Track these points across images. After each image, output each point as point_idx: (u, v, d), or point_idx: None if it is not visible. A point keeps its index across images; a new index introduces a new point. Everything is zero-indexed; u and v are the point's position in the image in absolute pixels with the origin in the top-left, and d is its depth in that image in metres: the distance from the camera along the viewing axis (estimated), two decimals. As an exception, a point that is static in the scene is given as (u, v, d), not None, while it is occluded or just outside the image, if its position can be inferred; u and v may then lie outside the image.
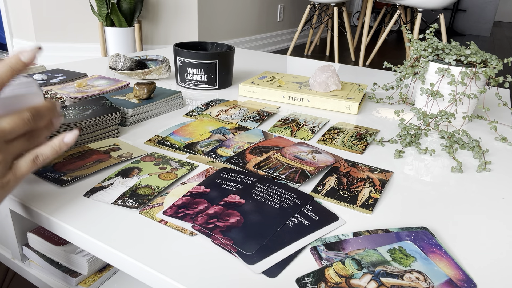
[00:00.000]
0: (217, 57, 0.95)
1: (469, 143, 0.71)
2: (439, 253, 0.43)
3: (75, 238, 0.45)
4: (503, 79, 0.82)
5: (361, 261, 0.41)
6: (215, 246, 0.42)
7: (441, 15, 2.84)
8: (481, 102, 0.98)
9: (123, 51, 2.41)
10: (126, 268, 0.41)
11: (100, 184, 0.53)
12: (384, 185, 0.57)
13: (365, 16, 3.17)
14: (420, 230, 0.47)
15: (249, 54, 1.47)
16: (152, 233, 0.44)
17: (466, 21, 5.69)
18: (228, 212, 0.47)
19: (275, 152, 0.64)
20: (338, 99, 0.87)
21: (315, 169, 0.59)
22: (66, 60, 2.55)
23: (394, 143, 0.73)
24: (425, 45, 0.84)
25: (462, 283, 0.39)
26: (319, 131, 0.76)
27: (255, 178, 0.55)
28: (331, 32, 3.50)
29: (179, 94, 0.84)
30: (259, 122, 0.78)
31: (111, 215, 0.47)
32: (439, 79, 0.81)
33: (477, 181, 0.61)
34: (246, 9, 3.17)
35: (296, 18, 3.96)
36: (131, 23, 2.42)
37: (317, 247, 0.43)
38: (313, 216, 0.48)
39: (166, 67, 1.02)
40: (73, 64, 1.13)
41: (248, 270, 0.39)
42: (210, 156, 0.62)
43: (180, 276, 0.38)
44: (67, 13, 2.50)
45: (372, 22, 5.13)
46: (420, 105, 0.87)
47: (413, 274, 0.39)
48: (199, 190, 0.52)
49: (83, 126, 0.63)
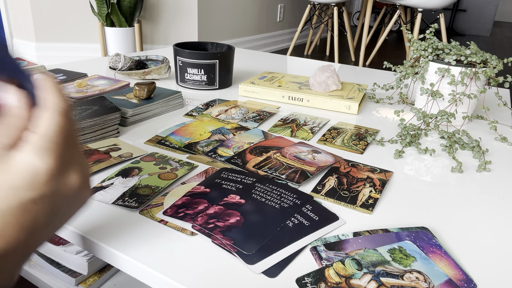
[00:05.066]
0: (217, 57, 0.95)
1: (469, 143, 0.71)
2: (439, 253, 0.43)
3: (75, 238, 0.45)
4: (503, 79, 0.82)
5: (361, 261, 0.41)
6: (215, 246, 0.42)
7: (441, 15, 2.84)
8: (481, 102, 0.98)
9: (123, 51, 2.41)
10: (126, 268, 0.41)
11: (100, 184, 0.53)
12: (384, 185, 0.57)
13: (365, 16, 3.17)
14: (420, 230, 0.47)
15: (249, 54, 1.47)
16: (152, 233, 0.44)
17: (466, 21, 5.69)
18: (228, 212, 0.47)
19: (275, 152, 0.64)
20: (338, 99, 0.87)
21: (315, 169, 0.59)
22: (66, 60, 2.55)
23: (394, 143, 0.73)
24: (425, 45, 0.84)
25: (462, 283, 0.39)
26: (319, 131, 0.76)
27: (255, 178, 0.55)
28: (331, 32, 3.50)
29: (179, 94, 0.84)
30: (259, 122, 0.78)
31: (111, 215, 0.47)
32: (439, 79, 0.81)
33: (477, 181, 0.61)
34: (246, 9, 3.17)
35: (296, 18, 3.96)
36: (131, 23, 2.42)
37: (317, 247, 0.43)
38: (313, 216, 0.48)
39: (166, 67, 1.02)
40: (73, 64, 1.13)
41: (248, 270, 0.39)
42: (210, 156, 0.62)
43: (180, 276, 0.38)
44: (67, 13, 2.50)
45: (372, 22, 5.13)
46: (420, 105, 0.87)
47: (413, 274, 0.39)
48: (199, 190, 0.52)
49: (83, 126, 0.63)
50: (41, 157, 0.31)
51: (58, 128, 0.32)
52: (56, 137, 0.32)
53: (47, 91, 0.34)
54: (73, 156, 0.34)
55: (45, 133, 0.32)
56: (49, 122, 0.32)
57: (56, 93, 0.34)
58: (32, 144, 0.31)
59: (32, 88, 0.35)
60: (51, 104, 0.33)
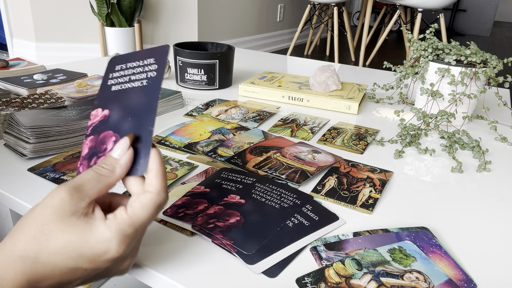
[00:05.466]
0: (217, 57, 0.95)
1: (469, 143, 0.71)
2: (439, 253, 0.43)
3: (75, 238, 0.45)
4: (503, 79, 0.82)
5: (361, 261, 0.41)
6: (215, 246, 0.42)
7: (441, 15, 2.84)
8: (481, 102, 0.98)
9: (123, 51, 2.41)
10: (126, 268, 0.41)
11: (100, 184, 0.53)
12: (384, 185, 0.57)
13: (365, 16, 3.17)
14: (420, 230, 0.47)
15: (249, 54, 1.47)
16: (152, 233, 0.44)
17: (466, 21, 5.69)
18: (228, 212, 0.47)
19: (275, 152, 0.64)
20: (338, 99, 0.87)
21: (315, 169, 0.59)
22: (66, 60, 2.55)
23: (394, 143, 0.73)
24: (425, 45, 0.84)
25: (462, 283, 0.39)
26: (319, 131, 0.76)
27: (255, 178, 0.55)
28: (331, 32, 3.50)
29: (179, 94, 0.84)
30: (259, 122, 0.78)
31: (111, 215, 0.47)
32: (439, 79, 0.81)
33: (477, 181, 0.61)
34: (246, 9, 3.17)
35: (296, 18, 3.96)
36: (131, 23, 2.42)
37: (317, 247, 0.43)
38: (313, 216, 0.48)
39: (166, 67, 1.02)
40: (73, 64, 1.13)
41: (248, 270, 0.39)
42: (210, 156, 0.62)
43: (180, 276, 0.38)
44: (67, 13, 2.50)
45: (372, 22, 5.13)
46: (420, 105, 0.87)
47: (413, 274, 0.39)
48: (199, 190, 0.52)
49: (83, 126, 0.63)
50: (119, 242, 0.31)
51: (146, 221, 0.32)
52: (140, 228, 0.32)
53: (157, 174, 0.33)
54: (136, 247, 0.34)
55: (133, 220, 0.31)
56: (143, 210, 0.32)
57: (163, 182, 0.33)
58: (117, 224, 0.31)
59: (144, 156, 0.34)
60: (154, 191, 0.32)
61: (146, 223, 0.32)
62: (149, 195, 0.32)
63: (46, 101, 0.72)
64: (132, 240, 0.32)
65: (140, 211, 0.32)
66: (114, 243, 0.30)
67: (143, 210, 0.32)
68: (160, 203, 0.33)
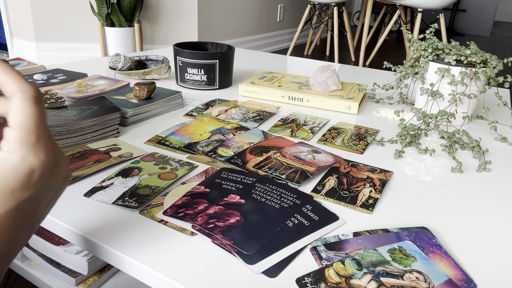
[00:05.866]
0: (217, 57, 0.95)
1: (469, 143, 0.71)
2: (439, 253, 0.43)
3: (75, 238, 0.45)
4: (503, 79, 0.82)
5: (361, 261, 0.41)
6: (215, 246, 0.42)
7: (441, 15, 2.84)
8: (481, 102, 0.98)
9: (123, 51, 2.41)
10: (126, 268, 0.41)
11: (100, 184, 0.53)
12: (384, 185, 0.57)
13: (365, 16, 3.17)
14: (420, 230, 0.47)
15: (249, 54, 1.47)
16: (152, 233, 0.44)
17: (466, 21, 5.69)
18: (228, 212, 0.47)
19: (275, 152, 0.64)
20: (338, 99, 0.87)
21: (315, 169, 0.59)
22: (66, 60, 2.55)
23: (394, 143, 0.73)
24: (425, 45, 0.84)
25: (462, 283, 0.39)
26: (319, 131, 0.76)
27: (255, 178, 0.55)
28: (331, 32, 3.50)
29: (179, 94, 0.84)
30: (259, 122, 0.78)
31: (111, 215, 0.47)
32: (439, 79, 0.81)
33: (477, 181, 0.61)
34: (246, 9, 3.17)
35: (296, 18, 3.95)
36: (131, 23, 2.42)
37: (317, 247, 0.43)
38: (313, 216, 0.48)
39: (166, 67, 1.02)
40: (73, 64, 1.13)
41: (248, 270, 0.39)
42: (210, 156, 0.62)
43: (180, 276, 0.38)
44: (67, 13, 2.50)
45: (372, 22, 5.12)
46: (420, 105, 0.87)
47: (413, 274, 0.39)
48: (199, 190, 0.52)
49: (83, 126, 0.63)
50: (34, 154, 0.28)
51: (37, 118, 0.29)
52: (36, 128, 0.29)
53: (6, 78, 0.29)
54: (55, 145, 0.32)
55: (22, 127, 0.28)
56: (25, 113, 0.28)
57: (18, 79, 0.29)
58: (13, 140, 0.28)
59: None
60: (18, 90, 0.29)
61: (39, 120, 0.29)
62: (16, 97, 0.29)
63: (46, 101, 0.72)
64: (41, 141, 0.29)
65: (22, 117, 0.28)
66: (30, 157, 0.28)
67: (24, 113, 0.28)
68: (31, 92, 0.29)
